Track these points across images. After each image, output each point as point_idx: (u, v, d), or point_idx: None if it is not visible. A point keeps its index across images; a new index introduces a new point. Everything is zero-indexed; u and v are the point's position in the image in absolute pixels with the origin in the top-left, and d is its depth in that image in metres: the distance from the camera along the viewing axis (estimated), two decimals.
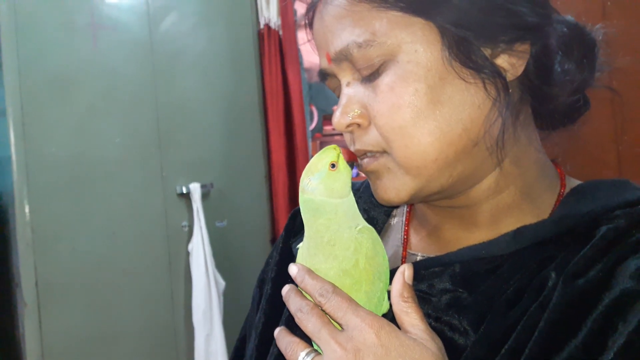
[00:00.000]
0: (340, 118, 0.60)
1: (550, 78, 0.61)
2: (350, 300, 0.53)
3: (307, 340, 0.55)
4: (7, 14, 2.16)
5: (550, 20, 0.59)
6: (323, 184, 0.56)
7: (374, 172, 0.61)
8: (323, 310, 0.54)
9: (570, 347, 0.50)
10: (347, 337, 0.51)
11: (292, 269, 0.56)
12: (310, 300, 0.55)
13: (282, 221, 2.91)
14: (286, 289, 0.57)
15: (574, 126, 0.67)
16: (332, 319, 0.54)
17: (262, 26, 2.94)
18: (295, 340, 0.55)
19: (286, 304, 0.56)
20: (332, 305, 0.52)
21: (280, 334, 0.57)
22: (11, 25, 2.17)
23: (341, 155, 0.58)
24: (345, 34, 0.58)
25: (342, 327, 0.52)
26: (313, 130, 3.59)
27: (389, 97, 0.57)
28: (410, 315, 0.52)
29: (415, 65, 0.56)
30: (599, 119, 0.70)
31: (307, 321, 0.53)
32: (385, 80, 0.57)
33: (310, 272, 0.55)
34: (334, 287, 0.54)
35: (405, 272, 0.54)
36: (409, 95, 0.56)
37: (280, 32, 2.98)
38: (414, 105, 0.56)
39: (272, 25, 2.94)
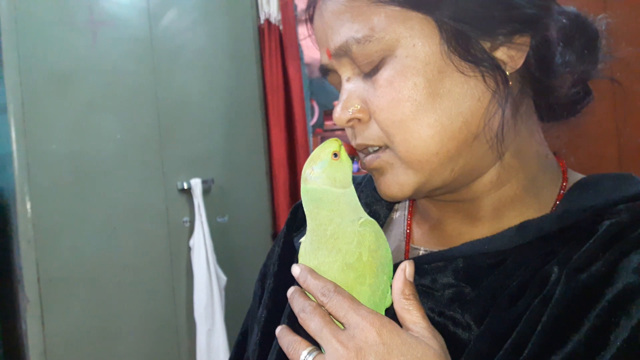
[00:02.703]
0: (340, 113, 0.60)
1: (550, 70, 0.61)
2: (352, 299, 0.53)
3: (311, 339, 0.55)
4: (7, 10, 2.16)
5: (550, 12, 0.59)
6: (325, 173, 0.56)
7: (377, 168, 0.61)
8: (326, 310, 0.54)
9: (573, 342, 0.50)
10: (348, 335, 0.51)
11: (295, 270, 0.56)
12: (314, 301, 0.55)
13: (283, 216, 2.91)
14: (291, 290, 0.57)
15: (576, 118, 0.67)
16: (335, 318, 0.54)
17: (262, 21, 2.94)
18: (297, 339, 0.55)
19: (291, 305, 0.57)
20: (334, 304, 0.52)
21: (282, 333, 0.57)
22: (11, 22, 2.17)
23: (343, 147, 0.58)
24: (344, 30, 0.58)
25: (344, 326, 0.52)
26: (314, 126, 3.59)
27: (389, 91, 0.57)
28: (411, 313, 0.52)
29: (413, 59, 0.56)
30: (600, 112, 0.70)
31: (310, 321, 0.53)
32: (384, 75, 0.57)
33: (312, 271, 0.55)
34: (336, 286, 0.54)
35: (407, 268, 0.54)
36: (408, 90, 0.56)
37: (281, 27, 2.98)
38: (413, 99, 0.56)
39: (273, 20, 2.94)
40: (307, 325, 0.54)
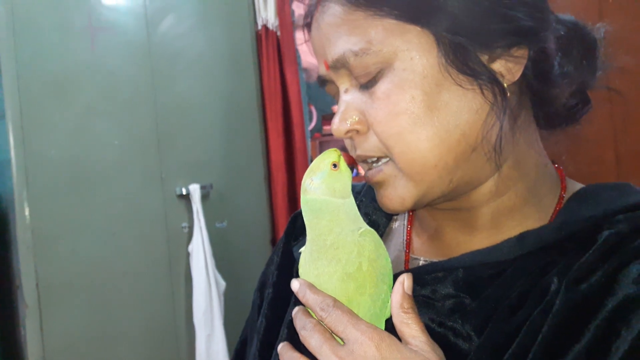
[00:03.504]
0: (339, 125, 0.60)
1: (549, 81, 0.61)
2: (351, 314, 0.53)
3: (313, 356, 0.55)
4: (4, 16, 2.16)
5: (548, 24, 0.59)
6: (325, 183, 0.57)
7: (379, 182, 0.61)
8: (326, 326, 0.54)
9: (573, 353, 0.50)
10: (348, 351, 0.51)
11: (294, 284, 0.57)
12: (316, 319, 0.55)
13: (282, 221, 2.91)
14: (296, 310, 0.57)
15: (575, 126, 0.67)
16: (334, 334, 0.54)
17: (259, 27, 2.94)
18: (297, 355, 0.55)
19: (294, 323, 0.57)
20: (333, 319, 0.53)
21: (283, 349, 0.57)
22: (9, 28, 2.17)
23: (342, 157, 0.58)
24: (341, 43, 0.58)
25: (343, 341, 0.52)
26: (312, 130, 3.59)
27: (386, 104, 0.57)
28: (410, 327, 0.52)
29: (411, 72, 0.56)
30: (598, 118, 0.70)
31: (310, 338, 0.53)
32: (382, 87, 0.57)
33: (311, 286, 0.55)
34: (335, 301, 0.54)
35: (405, 282, 0.54)
36: (406, 103, 0.56)
37: (278, 33, 2.98)
38: (411, 112, 0.56)
39: (270, 26, 2.94)
40: (308, 342, 0.54)
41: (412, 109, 0.56)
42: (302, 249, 0.60)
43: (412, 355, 0.50)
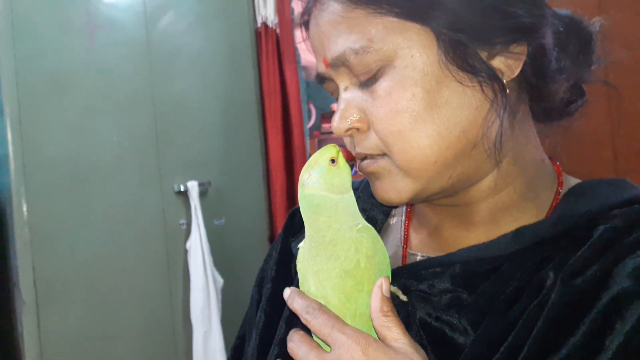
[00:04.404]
0: (339, 123, 0.60)
1: (546, 76, 0.61)
2: (337, 319, 0.53)
3: None
4: (3, 13, 2.16)
5: (546, 20, 0.59)
6: (323, 179, 0.56)
7: (373, 173, 0.61)
8: (312, 331, 0.55)
9: (568, 346, 0.51)
10: (334, 356, 0.51)
11: (285, 292, 0.57)
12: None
13: (280, 219, 2.91)
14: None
15: (571, 120, 0.68)
16: (320, 339, 0.54)
17: (259, 24, 2.94)
18: None
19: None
20: (319, 322, 0.53)
21: None
22: (8, 25, 2.17)
23: (341, 152, 0.58)
24: (341, 41, 0.58)
25: (330, 346, 0.53)
26: (311, 128, 3.59)
27: (387, 102, 0.57)
28: (392, 330, 0.52)
29: (411, 70, 0.56)
30: (595, 114, 0.70)
31: (298, 349, 0.54)
32: (382, 85, 0.57)
33: (299, 292, 0.56)
34: (321, 305, 0.54)
35: (383, 285, 0.54)
36: (407, 100, 0.56)
37: (278, 31, 2.98)
38: (412, 110, 0.56)
39: (269, 23, 2.94)
40: (296, 353, 0.54)
41: (413, 106, 0.56)
42: (300, 245, 0.60)
43: (399, 357, 0.51)
